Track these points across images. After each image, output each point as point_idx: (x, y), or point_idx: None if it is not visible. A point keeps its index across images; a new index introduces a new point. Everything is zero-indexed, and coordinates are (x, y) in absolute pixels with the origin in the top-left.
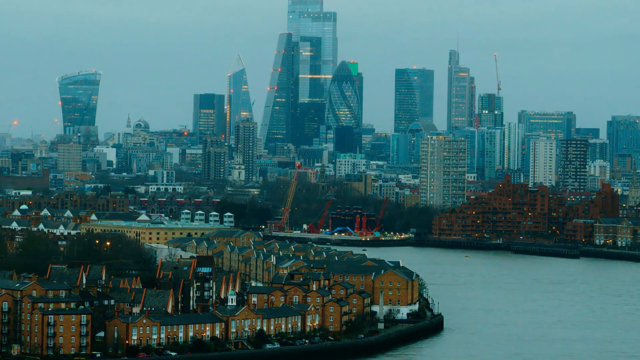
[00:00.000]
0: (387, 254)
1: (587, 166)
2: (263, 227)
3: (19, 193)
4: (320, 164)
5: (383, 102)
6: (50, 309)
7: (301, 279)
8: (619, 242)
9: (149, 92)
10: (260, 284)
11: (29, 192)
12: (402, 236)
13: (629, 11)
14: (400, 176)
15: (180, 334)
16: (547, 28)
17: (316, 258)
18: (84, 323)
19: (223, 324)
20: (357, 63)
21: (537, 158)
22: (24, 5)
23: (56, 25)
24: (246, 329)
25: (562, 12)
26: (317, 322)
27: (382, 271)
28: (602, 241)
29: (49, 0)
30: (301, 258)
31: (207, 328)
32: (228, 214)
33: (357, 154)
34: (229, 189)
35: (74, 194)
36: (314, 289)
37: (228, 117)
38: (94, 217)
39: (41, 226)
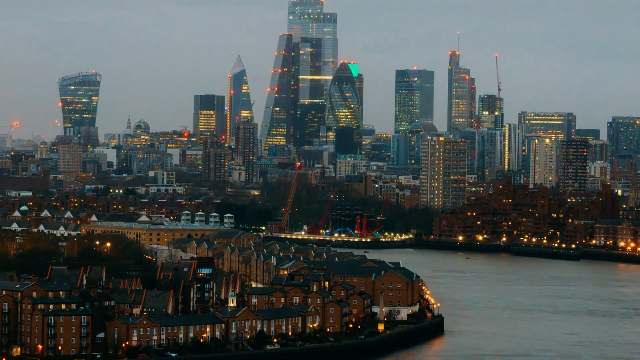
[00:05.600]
0: (387, 256)
1: (587, 167)
2: (263, 228)
3: (19, 194)
4: (320, 165)
5: (383, 103)
6: (50, 310)
7: (301, 280)
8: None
9: (149, 93)
10: (260, 285)
11: (29, 193)
12: (403, 237)
13: (630, 12)
14: (400, 177)
15: (181, 335)
16: (547, 28)
17: (316, 259)
18: (84, 324)
19: (223, 325)
20: (358, 64)
21: (537, 159)
22: (24, 5)
23: (56, 26)
24: (246, 330)
25: (563, 13)
26: (317, 323)
27: (383, 272)
28: (602, 242)
29: (49, 1)
30: (301, 259)
31: (208, 329)
32: (228, 215)
33: (357, 155)
34: (229, 190)
35: (74, 195)
36: (314, 290)
37: (228, 118)
38: (94, 218)
39: (41, 227)
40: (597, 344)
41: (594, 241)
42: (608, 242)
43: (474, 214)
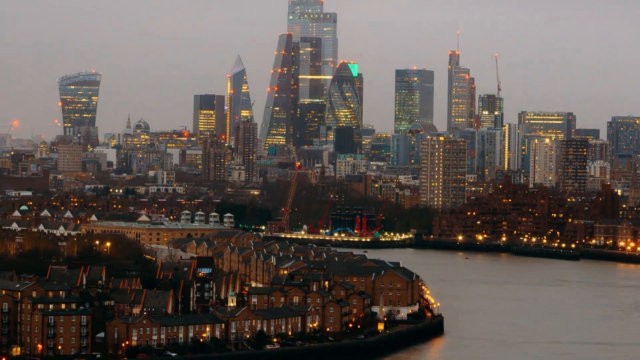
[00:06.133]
0: (387, 256)
1: (587, 167)
2: (263, 227)
3: (19, 194)
4: (320, 165)
5: (383, 103)
6: (50, 310)
7: (301, 280)
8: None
9: (149, 93)
10: (260, 285)
11: (29, 193)
12: (402, 237)
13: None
14: (400, 177)
15: (181, 335)
16: (547, 28)
17: (316, 259)
18: (84, 324)
19: (223, 324)
20: (358, 64)
21: (537, 159)
22: (24, 6)
23: (56, 26)
24: (246, 329)
25: (563, 13)
26: (317, 323)
27: (383, 272)
28: (602, 242)
29: (48, 1)
30: (301, 259)
31: (207, 329)
32: (228, 214)
33: (357, 154)
34: (229, 189)
35: (74, 195)
36: (314, 290)
37: (228, 117)
38: (94, 217)
39: (41, 227)
40: (598, 344)
41: (593, 241)
42: (608, 242)
43: (474, 213)
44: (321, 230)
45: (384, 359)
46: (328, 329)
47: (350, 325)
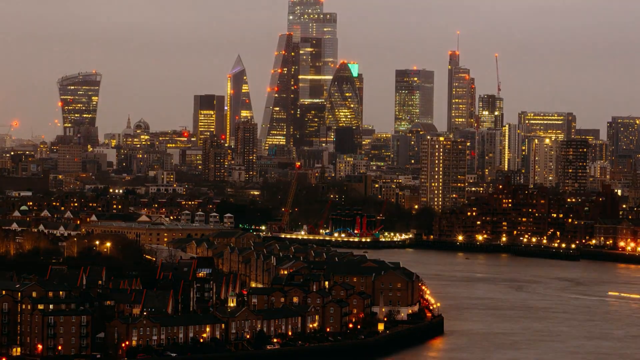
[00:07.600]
0: (387, 256)
1: (587, 167)
2: (263, 228)
3: (19, 194)
4: (320, 165)
5: (383, 103)
6: (50, 310)
7: (301, 280)
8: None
9: (149, 93)
10: (260, 285)
11: (29, 193)
12: (403, 237)
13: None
14: (400, 177)
15: (181, 335)
16: (547, 29)
17: (316, 259)
18: (84, 324)
19: (223, 325)
20: (358, 64)
21: (537, 159)
22: (24, 5)
23: (56, 25)
24: (246, 330)
25: (563, 13)
26: (317, 323)
27: (383, 272)
28: (602, 242)
29: (48, 0)
30: (301, 259)
31: (207, 329)
32: (228, 214)
33: (357, 155)
34: (229, 189)
35: (74, 195)
36: (314, 290)
37: (228, 118)
38: (94, 217)
39: (41, 227)
40: (599, 344)
41: (593, 241)
42: (608, 242)
43: (474, 214)
44: (321, 231)
45: (384, 359)
46: (328, 329)
47: (350, 325)
